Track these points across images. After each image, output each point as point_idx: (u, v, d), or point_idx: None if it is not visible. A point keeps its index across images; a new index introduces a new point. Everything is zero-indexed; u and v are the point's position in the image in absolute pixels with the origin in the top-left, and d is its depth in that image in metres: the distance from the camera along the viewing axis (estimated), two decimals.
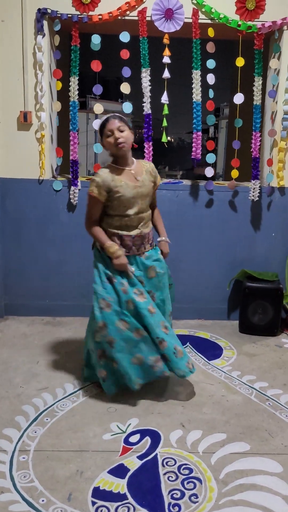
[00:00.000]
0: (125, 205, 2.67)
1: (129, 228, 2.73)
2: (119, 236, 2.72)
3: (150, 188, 2.77)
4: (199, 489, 2.08)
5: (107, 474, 2.16)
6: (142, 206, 2.73)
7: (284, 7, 3.65)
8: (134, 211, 2.69)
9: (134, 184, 2.68)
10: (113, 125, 2.59)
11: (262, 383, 3.05)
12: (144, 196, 2.72)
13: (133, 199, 2.67)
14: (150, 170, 2.80)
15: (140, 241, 2.75)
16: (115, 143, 2.60)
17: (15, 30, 3.64)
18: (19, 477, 2.13)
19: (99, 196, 2.64)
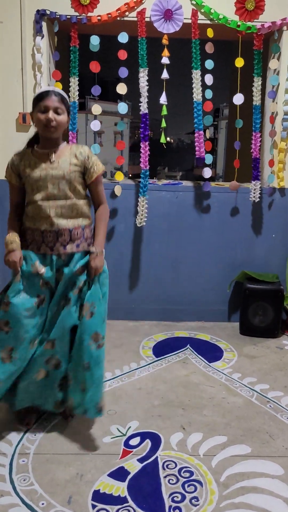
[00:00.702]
0: (33, 188, 2.29)
1: (39, 219, 2.30)
2: (31, 230, 2.33)
3: (69, 172, 2.28)
4: (200, 492, 2.07)
5: (107, 477, 2.15)
6: (54, 192, 2.27)
7: (283, 7, 3.65)
8: (41, 196, 2.27)
9: (44, 165, 2.29)
10: (51, 102, 2.23)
11: (263, 385, 3.04)
12: (57, 179, 2.27)
13: (41, 181, 2.27)
14: (75, 152, 2.33)
15: (53, 237, 2.30)
16: (46, 123, 2.23)
17: (14, 31, 3.64)
18: (19, 480, 2.12)
19: (9, 177, 2.37)
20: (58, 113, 2.25)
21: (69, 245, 2.32)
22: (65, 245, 2.32)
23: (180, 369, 3.22)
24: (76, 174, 2.32)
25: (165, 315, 4.12)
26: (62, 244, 2.31)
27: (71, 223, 2.32)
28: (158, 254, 4.03)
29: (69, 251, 2.32)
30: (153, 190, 3.89)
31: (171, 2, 3.59)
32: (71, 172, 2.29)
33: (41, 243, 2.31)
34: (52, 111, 2.23)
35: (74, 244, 2.34)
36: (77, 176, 2.32)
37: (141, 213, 3.79)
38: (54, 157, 2.30)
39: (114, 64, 3.73)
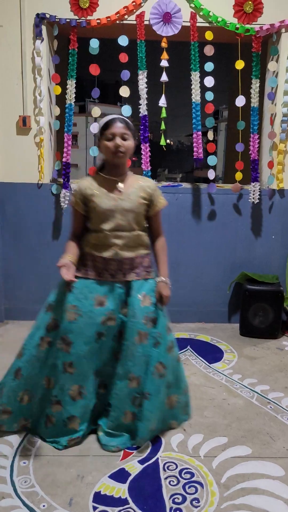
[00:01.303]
0: (100, 218, 2.30)
1: (104, 248, 2.33)
2: (92, 256, 2.36)
3: (137, 205, 2.32)
4: (201, 493, 2.07)
5: (108, 478, 2.15)
6: (122, 223, 2.30)
7: (282, 10, 3.67)
8: (109, 226, 2.29)
9: (113, 195, 2.31)
10: (117, 129, 2.25)
11: (263, 386, 3.04)
12: (125, 211, 2.29)
13: (110, 211, 2.28)
14: (144, 186, 2.37)
15: (116, 266, 2.34)
16: (114, 150, 2.25)
17: (14, 35, 3.66)
18: (20, 482, 2.12)
19: (75, 205, 2.36)
20: (124, 139, 2.27)
21: (129, 274, 2.36)
22: (125, 274, 2.35)
23: None
24: (143, 208, 2.36)
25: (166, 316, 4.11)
26: (123, 272, 2.35)
27: (133, 253, 2.36)
28: None
29: (129, 279, 2.35)
30: None
31: (170, 5, 3.61)
32: (139, 205, 2.33)
33: (102, 269, 2.35)
34: (119, 137, 2.25)
35: (134, 272, 2.37)
36: (143, 210, 2.36)
37: None
38: (122, 186, 2.33)
39: (114, 67, 3.75)
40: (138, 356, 2.34)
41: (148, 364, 2.35)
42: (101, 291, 2.34)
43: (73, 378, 2.32)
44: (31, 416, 2.46)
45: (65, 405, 2.33)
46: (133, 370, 2.34)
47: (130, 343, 2.33)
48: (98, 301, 2.33)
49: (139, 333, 2.33)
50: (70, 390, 2.32)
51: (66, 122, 3.79)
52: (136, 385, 2.35)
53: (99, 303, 2.33)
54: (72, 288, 2.33)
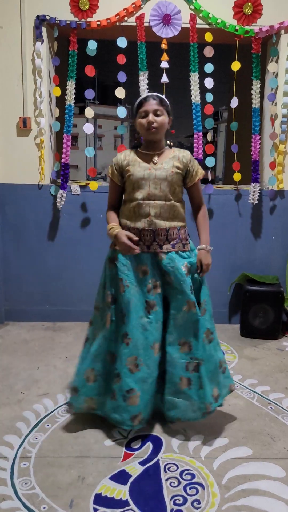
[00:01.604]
0: (134, 187, 2.35)
1: (138, 218, 2.36)
2: (127, 227, 2.39)
3: (171, 174, 2.34)
4: (202, 494, 2.07)
5: (109, 480, 2.15)
6: (155, 192, 2.32)
7: (281, 11, 3.67)
8: (142, 195, 2.33)
9: (148, 165, 2.35)
10: (150, 106, 2.30)
11: (264, 387, 3.04)
12: (159, 179, 2.32)
13: (143, 180, 2.32)
14: (178, 156, 2.39)
15: (150, 236, 2.35)
16: (147, 127, 2.30)
17: (14, 36, 3.66)
18: (20, 484, 2.12)
19: (112, 176, 2.43)
20: (157, 115, 2.31)
21: (165, 245, 2.36)
22: (161, 245, 2.36)
23: None
24: (178, 177, 2.38)
25: None
26: (158, 243, 2.36)
27: (168, 224, 2.37)
28: None
29: (165, 251, 2.36)
30: None
31: (170, 7, 3.61)
32: (173, 174, 2.35)
33: (138, 241, 2.36)
34: (152, 113, 2.30)
35: (170, 244, 2.38)
36: (178, 179, 2.38)
37: None
38: (157, 159, 2.37)
39: (114, 69, 3.75)
40: (187, 323, 2.38)
41: (198, 331, 2.38)
42: (141, 261, 2.38)
43: (129, 348, 2.34)
44: (98, 395, 2.48)
45: (124, 377, 2.35)
46: (184, 335, 2.39)
47: (179, 311, 2.38)
48: (141, 270, 2.38)
49: (187, 302, 2.36)
50: (127, 361, 2.34)
51: (66, 123, 3.79)
52: (187, 350, 2.39)
53: (143, 272, 2.38)
54: (117, 263, 2.39)
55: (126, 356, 2.35)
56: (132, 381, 2.34)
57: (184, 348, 2.40)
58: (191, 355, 2.39)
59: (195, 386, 2.40)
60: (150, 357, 2.37)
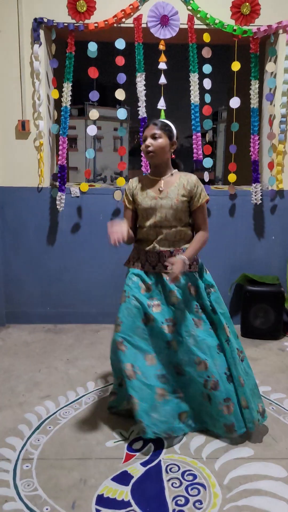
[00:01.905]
0: (143, 215, 2.49)
1: (146, 242, 2.51)
2: (138, 249, 2.55)
3: (177, 202, 2.42)
4: (203, 495, 2.07)
5: (111, 481, 2.15)
6: (161, 220, 2.43)
7: (278, 11, 3.68)
8: (150, 223, 2.46)
9: (155, 194, 2.46)
10: (149, 130, 2.41)
11: (265, 388, 3.04)
12: (164, 209, 2.42)
13: (151, 209, 2.44)
14: (183, 183, 2.46)
15: (155, 257, 2.47)
16: (145, 151, 2.42)
17: (12, 39, 3.67)
18: (23, 485, 2.12)
19: (127, 203, 2.55)
20: (155, 137, 2.40)
21: (169, 266, 2.36)
22: (166, 266, 2.41)
23: None
24: (184, 204, 2.45)
25: None
26: (163, 264, 2.45)
27: (172, 247, 2.48)
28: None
29: (169, 271, 2.37)
30: None
31: (167, 8, 3.62)
32: (178, 203, 2.43)
33: (145, 261, 2.50)
34: (150, 137, 2.40)
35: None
36: (183, 206, 2.45)
37: None
38: (163, 185, 2.46)
39: (113, 70, 3.75)
40: (199, 341, 2.44)
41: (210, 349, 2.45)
42: (146, 279, 2.49)
43: (126, 356, 2.39)
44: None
45: (125, 383, 2.39)
46: (199, 354, 2.42)
47: (189, 330, 2.44)
48: (144, 287, 2.49)
49: (194, 320, 2.47)
50: (125, 369, 2.38)
51: (62, 125, 3.79)
52: (204, 369, 2.42)
53: (145, 289, 2.49)
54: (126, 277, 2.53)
55: (123, 363, 2.39)
56: (130, 388, 2.37)
57: (200, 367, 2.43)
58: (208, 373, 2.42)
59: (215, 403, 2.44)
60: (144, 366, 2.43)
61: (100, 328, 4.02)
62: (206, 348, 2.44)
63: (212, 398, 2.43)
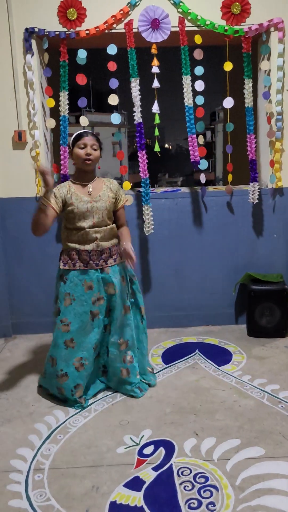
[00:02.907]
0: (79, 218, 2.77)
1: (86, 242, 2.81)
2: (76, 250, 2.83)
3: (109, 204, 2.83)
4: (216, 497, 2.07)
5: (123, 487, 2.15)
6: (99, 221, 2.80)
7: (269, 9, 3.68)
8: (88, 224, 2.78)
9: (89, 198, 2.79)
10: (89, 140, 2.76)
11: (273, 386, 3.03)
12: (100, 210, 2.79)
13: (88, 212, 2.77)
14: (110, 187, 2.89)
15: (98, 255, 2.83)
16: (85, 158, 2.74)
17: (4, 50, 3.69)
18: (35, 496, 2.12)
19: (55, 204, 2.73)
20: (94, 149, 2.78)
21: (108, 260, 2.88)
22: (106, 261, 2.87)
23: (190, 375, 3.22)
24: (112, 204, 2.89)
25: (172, 321, 4.12)
26: (104, 260, 2.86)
27: (110, 243, 2.88)
28: (161, 261, 4.05)
29: (110, 265, 2.88)
30: (153, 198, 3.91)
31: (158, 11, 3.63)
32: (110, 204, 2.86)
33: (87, 260, 2.82)
34: (89, 147, 2.75)
35: (112, 259, 2.90)
36: (112, 206, 2.89)
37: (148, 222, 3.81)
38: (91, 189, 2.83)
39: (109, 76, 3.76)
40: (126, 324, 2.94)
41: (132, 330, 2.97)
42: (88, 278, 2.83)
43: (74, 351, 2.85)
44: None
45: (71, 376, 2.85)
46: (123, 335, 2.93)
47: (119, 315, 2.91)
48: (87, 286, 2.83)
49: (124, 307, 2.92)
50: (73, 362, 2.85)
51: (62, 134, 3.81)
52: (125, 347, 2.94)
53: (88, 287, 2.83)
54: (66, 280, 2.84)
55: (72, 358, 2.85)
56: (78, 378, 2.87)
57: (122, 346, 2.93)
58: (127, 350, 2.93)
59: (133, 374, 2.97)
60: (92, 355, 2.90)
61: None
62: (129, 329, 2.94)
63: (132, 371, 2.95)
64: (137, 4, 3.66)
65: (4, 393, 3.10)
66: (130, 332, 2.95)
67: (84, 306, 2.82)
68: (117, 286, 2.88)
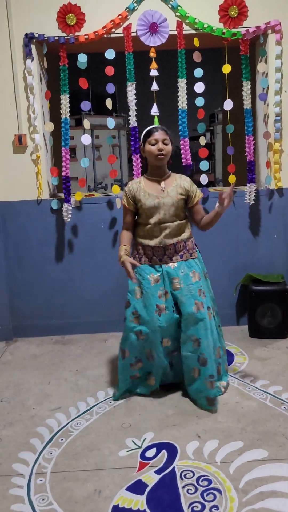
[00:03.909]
0: (147, 214, 2.78)
1: (151, 238, 2.81)
2: (142, 245, 2.85)
3: (177, 200, 2.76)
4: (220, 500, 2.06)
5: (126, 491, 2.14)
6: (165, 217, 2.75)
7: (266, 11, 3.68)
8: (154, 220, 2.76)
9: (157, 194, 2.76)
10: (160, 135, 2.71)
11: (276, 387, 3.03)
12: (167, 206, 2.74)
13: (154, 208, 2.74)
14: (180, 183, 2.81)
15: (161, 251, 2.80)
16: (158, 153, 2.70)
17: (4, 55, 3.70)
18: (37, 500, 2.12)
19: (127, 204, 2.84)
20: (165, 143, 2.73)
21: (174, 256, 2.82)
22: (171, 257, 2.81)
23: None
24: (182, 202, 2.81)
25: None
26: (169, 256, 2.81)
27: (175, 239, 2.81)
28: None
29: (175, 261, 2.82)
30: None
31: (156, 15, 3.64)
32: (178, 200, 2.78)
33: (151, 255, 2.82)
34: (160, 142, 2.71)
35: (178, 255, 2.83)
36: (182, 204, 2.82)
37: None
38: (164, 185, 2.79)
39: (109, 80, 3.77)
40: (198, 322, 2.77)
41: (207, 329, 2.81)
42: (154, 271, 2.81)
43: (145, 344, 2.86)
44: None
45: (144, 363, 2.92)
46: (195, 333, 2.77)
47: (190, 312, 2.76)
48: (154, 279, 2.81)
49: (195, 303, 2.77)
50: (145, 352, 2.89)
51: (63, 137, 3.82)
52: (197, 346, 2.78)
53: (155, 280, 2.80)
54: (135, 273, 2.81)
55: (144, 348, 2.87)
56: (150, 366, 2.93)
57: (195, 344, 2.78)
58: (201, 351, 2.77)
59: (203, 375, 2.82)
60: (161, 350, 2.84)
61: (108, 337, 4.01)
62: (202, 328, 2.77)
63: (201, 373, 2.79)
64: (136, 8, 3.67)
65: (6, 396, 3.10)
66: (203, 332, 2.78)
67: (151, 299, 2.79)
68: (182, 281, 2.79)
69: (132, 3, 3.65)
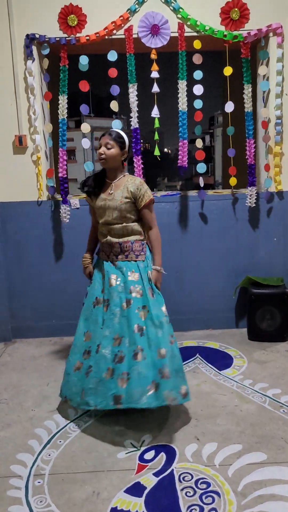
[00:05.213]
0: (97, 213, 2.87)
1: (102, 235, 2.89)
2: (99, 241, 2.97)
3: (121, 204, 2.73)
4: (218, 503, 2.05)
5: (124, 493, 2.14)
6: (108, 219, 2.79)
7: (268, 14, 3.69)
8: (101, 220, 2.84)
9: (105, 196, 2.81)
10: (104, 139, 2.75)
11: (275, 390, 3.02)
12: (111, 209, 2.77)
13: (101, 209, 2.81)
14: (127, 186, 2.76)
15: (108, 248, 2.85)
16: (98, 157, 2.76)
17: (5, 56, 3.70)
18: (35, 502, 2.11)
19: (90, 201, 2.93)
20: (108, 147, 2.73)
21: (120, 255, 2.81)
22: (116, 255, 2.82)
23: (190, 379, 3.19)
24: (128, 205, 2.77)
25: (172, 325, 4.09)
26: (114, 254, 2.82)
27: (121, 239, 2.80)
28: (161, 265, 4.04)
29: (119, 260, 2.81)
30: None
31: (157, 17, 3.64)
32: (122, 204, 2.75)
33: (103, 251, 2.90)
34: (103, 146, 2.73)
35: (124, 254, 2.81)
36: (128, 206, 2.77)
37: None
38: (113, 188, 2.80)
39: (108, 81, 3.78)
40: (122, 319, 2.71)
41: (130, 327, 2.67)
42: (103, 267, 2.86)
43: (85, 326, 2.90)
44: None
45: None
46: (118, 331, 2.69)
47: (118, 309, 2.72)
48: (102, 274, 2.86)
49: (126, 301, 2.72)
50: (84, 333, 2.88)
51: (60, 138, 3.81)
52: (118, 344, 2.67)
53: (103, 275, 2.85)
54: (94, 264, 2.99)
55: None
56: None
57: (115, 343, 2.67)
58: (119, 349, 2.64)
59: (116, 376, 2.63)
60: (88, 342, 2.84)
61: None
62: (126, 326, 2.68)
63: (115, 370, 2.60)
64: (137, 10, 3.68)
65: (4, 397, 3.09)
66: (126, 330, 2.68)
67: (94, 290, 2.87)
68: (121, 279, 2.76)
69: (134, 4, 3.66)
